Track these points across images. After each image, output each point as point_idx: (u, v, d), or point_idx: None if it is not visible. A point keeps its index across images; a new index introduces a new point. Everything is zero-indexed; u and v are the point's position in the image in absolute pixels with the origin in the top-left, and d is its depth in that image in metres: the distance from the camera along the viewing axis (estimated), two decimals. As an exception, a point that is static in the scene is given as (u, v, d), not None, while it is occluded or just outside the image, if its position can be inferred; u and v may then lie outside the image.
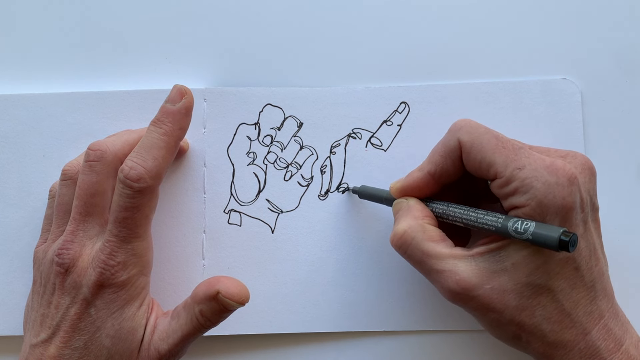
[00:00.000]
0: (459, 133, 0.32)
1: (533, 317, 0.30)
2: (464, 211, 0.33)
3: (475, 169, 0.32)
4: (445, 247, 0.32)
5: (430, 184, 0.34)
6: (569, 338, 0.30)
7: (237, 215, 0.40)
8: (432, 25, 0.41)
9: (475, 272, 0.31)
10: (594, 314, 0.31)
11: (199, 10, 0.42)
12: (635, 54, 0.41)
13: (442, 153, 0.33)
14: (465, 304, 0.32)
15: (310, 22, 0.42)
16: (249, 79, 0.41)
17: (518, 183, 0.30)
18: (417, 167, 0.35)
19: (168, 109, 0.35)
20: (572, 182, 0.30)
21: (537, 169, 0.30)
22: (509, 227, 0.30)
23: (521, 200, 0.30)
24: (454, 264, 0.31)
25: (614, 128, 0.40)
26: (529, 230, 0.29)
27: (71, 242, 0.33)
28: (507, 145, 0.31)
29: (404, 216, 0.34)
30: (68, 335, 0.32)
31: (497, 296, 0.30)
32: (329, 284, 0.39)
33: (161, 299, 0.38)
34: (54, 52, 0.42)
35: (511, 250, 0.31)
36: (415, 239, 0.32)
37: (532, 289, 0.30)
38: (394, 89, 0.40)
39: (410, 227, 0.33)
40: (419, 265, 0.33)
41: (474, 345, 0.39)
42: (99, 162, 0.34)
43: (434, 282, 0.33)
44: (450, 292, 0.31)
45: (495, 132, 0.32)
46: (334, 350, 0.39)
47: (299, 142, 0.40)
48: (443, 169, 0.33)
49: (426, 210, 0.34)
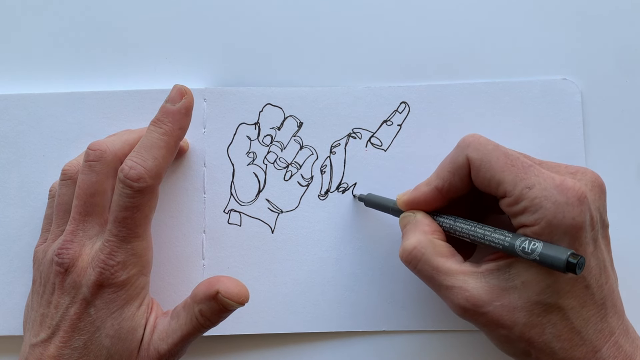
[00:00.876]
0: (468, 150, 0.32)
1: (543, 335, 0.30)
2: (471, 227, 0.32)
3: (484, 186, 0.32)
4: (455, 263, 0.32)
5: (437, 198, 0.34)
6: (579, 356, 0.30)
7: (237, 215, 0.40)
8: (432, 25, 0.41)
9: (485, 289, 0.31)
10: (604, 332, 0.30)
11: (199, 10, 0.42)
12: (635, 54, 0.41)
13: (450, 169, 0.33)
14: (475, 320, 0.31)
15: (310, 22, 0.42)
16: (249, 79, 0.41)
17: (527, 202, 0.30)
18: (425, 181, 0.34)
19: (168, 108, 0.35)
20: (582, 202, 0.29)
21: (546, 188, 0.29)
22: (517, 247, 0.30)
23: (530, 220, 0.30)
24: (463, 280, 0.31)
25: (614, 128, 0.40)
26: (537, 251, 0.29)
27: (71, 241, 0.33)
28: (516, 163, 0.31)
29: (412, 231, 0.34)
30: (68, 335, 0.32)
31: (507, 313, 0.30)
32: (329, 284, 0.39)
33: (161, 299, 0.38)
34: (54, 52, 0.42)
35: (521, 268, 0.30)
36: (425, 255, 0.32)
37: (542, 307, 0.30)
38: (394, 88, 0.40)
39: (419, 243, 0.33)
40: (428, 280, 0.33)
41: (474, 345, 0.39)
42: (98, 161, 0.34)
43: (443, 298, 0.32)
44: (460, 307, 0.31)
45: (504, 148, 0.32)
46: (334, 350, 0.39)
47: (299, 142, 0.40)
48: (451, 185, 0.33)
49: (434, 225, 0.34)
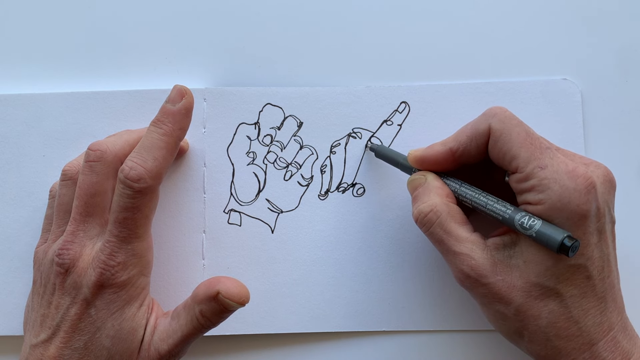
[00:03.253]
0: (492, 119, 0.32)
1: (539, 319, 0.30)
2: (475, 194, 0.33)
3: (498, 157, 0.32)
4: (466, 231, 0.33)
5: (449, 160, 0.34)
6: (573, 346, 0.30)
7: (237, 215, 0.40)
8: (432, 25, 0.41)
9: (490, 261, 0.31)
10: (603, 325, 0.30)
11: (198, 10, 0.42)
12: (635, 54, 0.41)
13: (470, 134, 0.33)
14: (475, 290, 0.32)
15: (310, 22, 0.42)
16: (249, 79, 0.41)
17: (536, 181, 0.30)
18: (441, 141, 0.35)
19: (168, 109, 0.35)
20: (590, 191, 0.29)
21: (557, 171, 0.30)
22: (516, 220, 0.30)
23: (535, 199, 0.30)
24: (471, 249, 0.32)
25: (614, 128, 0.40)
26: (534, 227, 0.29)
27: (71, 242, 0.33)
28: (535, 143, 0.31)
29: (426, 193, 0.34)
30: (68, 336, 0.32)
31: (506, 289, 0.31)
32: (329, 284, 0.39)
33: (161, 299, 0.38)
34: (54, 52, 0.42)
35: (524, 247, 0.31)
36: (440, 218, 0.33)
37: (541, 290, 0.30)
38: (394, 88, 0.40)
39: (436, 205, 0.33)
40: (438, 243, 0.33)
41: (474, 345, 0.39)
42: (99, 162, 0.34)
43: (449, 262, 0.33)
44: (463, 274, 0.32)
45: (527, 126, 0.32)
46: (334, 350, 0.39)
47: (299, 142, 0.40)
48: (466, 150, 0.33)
49: (446, 189, 0.34)
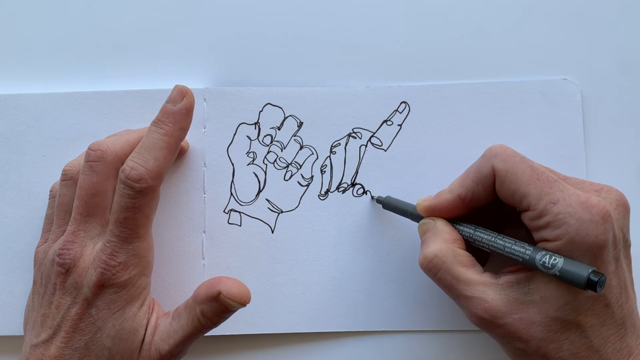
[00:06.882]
0: (494, 160, 0.32)
1: (560, 351, 0.30)
2: (492, 238, 0.32)
3: (507, 198, 0.32)
4: (475, 273, 0.32)
5: (459, 207, 0.34)
6: None
7: (237, 215, 0.40)
8: (432, 25, 0.41)
9: (504, 301, 0.31)
10: (622, 352, 0.30)
11: (198, 10, 0.42)
12: (635, 54, 0.41)
13: (475, 178, 0.33)
14: (492, 331, 0.32)
15: (310, 22, 0.42)
16: (249, 79, 0.41)
17: (551, 217, 0.30)
18: (447, 188, 0.34)
19: (169, 109, 0.34)
20: (606, 220, 0.29)
21: (571, 204, 0.29)
22: (537, 261, 0.30)
23: (552, 235, 0.29)
24: (483, 291, 0.31)
25: (614, 128, 0.40)
26: (557, 266, 0.29)
27: (72, 242, 0.33)
28: (542, 177, 0.31)
29: (433, 239, 0.33)
30: (69, 336, 0.32)
31: (524, 327, 0.30)
32: (329, 284, 0.39)
33: (161, 299, 0.38)
34: (54, 52, 0.42)
35: (540, 283, 0.30)
36: (446, 264, 0.32)
37: (561, 324, 0.30)
38: (394, 88, 0.40)
39: (441, 251, 0.32)
40: (447, 289, 0.33)
41: (474, 345, 0.39)
42: (99, 162, 0.34)
43: (461, 307, 0.33)
44: (478, 318, 0.31)
45: (531, 161, 0.32)
46: (334, 350, 0.39)
47: (299, 142, 0.40)
48: (474, 194, 0.33)
49: (455, 233, 0.34)
